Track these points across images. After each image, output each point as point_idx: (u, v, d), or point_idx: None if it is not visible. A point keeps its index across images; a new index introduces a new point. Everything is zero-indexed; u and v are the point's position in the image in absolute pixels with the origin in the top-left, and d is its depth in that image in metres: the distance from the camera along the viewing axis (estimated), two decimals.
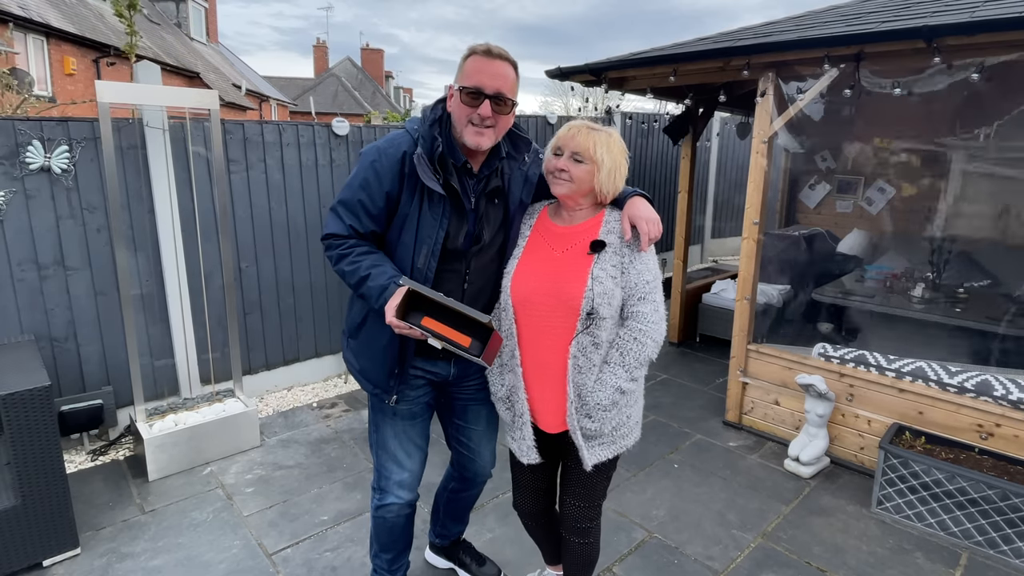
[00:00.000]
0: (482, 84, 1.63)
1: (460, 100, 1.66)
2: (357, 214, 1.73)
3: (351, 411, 4.00)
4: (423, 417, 1.99)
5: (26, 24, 10.36)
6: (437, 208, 1.71)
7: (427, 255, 1.72)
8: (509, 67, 1.67)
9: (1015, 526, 2.55)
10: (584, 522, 1.93)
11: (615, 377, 1.70)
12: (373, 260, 1.71)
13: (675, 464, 3.36)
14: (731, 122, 7.88)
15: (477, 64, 1.64)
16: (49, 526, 2.46)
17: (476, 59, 1.64)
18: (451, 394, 2.01)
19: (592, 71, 4.25)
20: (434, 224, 1.71)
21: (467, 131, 1.68)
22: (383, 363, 1.83)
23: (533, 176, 1.86)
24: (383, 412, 1.96)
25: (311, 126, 4.13)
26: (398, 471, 1.99)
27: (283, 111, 24.51)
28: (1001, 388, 2.88)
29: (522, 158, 1.84)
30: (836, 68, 3.11)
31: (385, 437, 1.98)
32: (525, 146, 1.84)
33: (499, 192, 1.81)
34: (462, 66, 1.67)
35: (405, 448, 1.98)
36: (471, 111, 1.65)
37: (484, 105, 1.64)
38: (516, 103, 1.71)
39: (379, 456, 2.01)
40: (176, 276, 3.61)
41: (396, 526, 2.08)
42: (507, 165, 1.82)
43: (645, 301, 1.71)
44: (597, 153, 1.68)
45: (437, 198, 1.71)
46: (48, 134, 3.13)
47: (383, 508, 2.03)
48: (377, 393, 1.88)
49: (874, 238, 5.07)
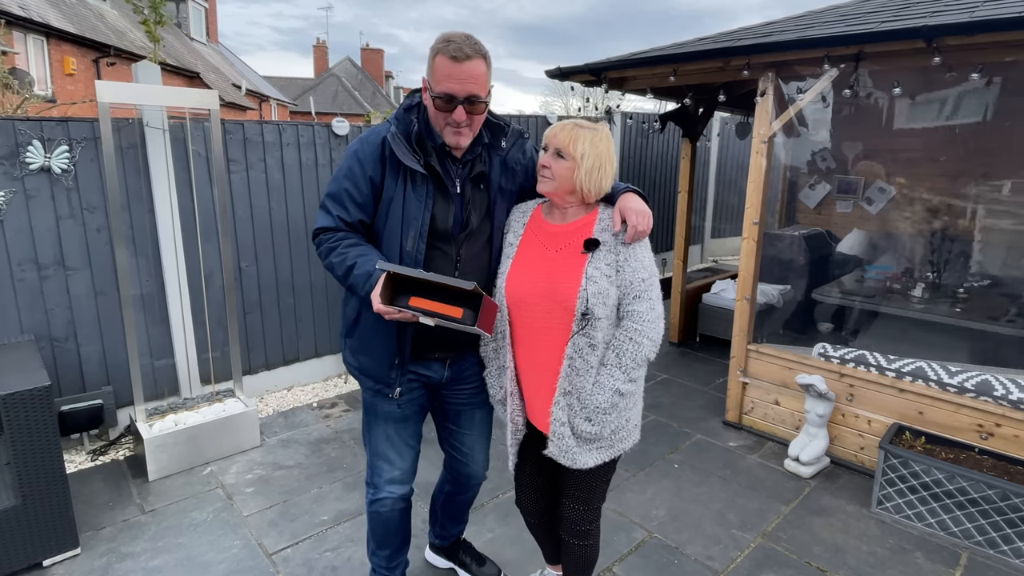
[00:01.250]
0: (452, 91, 1.62)
1: (434, 105, 1.66)
2: (344, 203, 1.74)
3: (351, 411, 4.00)
4: (415, 419, 1.99)
5: (26, 24, 10.35)
6: (421, 189, 1.72)
7: (415, 237, 1.71)
8: (479, 63, 1.63)
9: (1015, 526, 2.55)
10: (583, 524, 1.93)
11: (612, 379, 1.69)
12: (360, 250, 1.71)
13: (675, 464, 3.35)
14: (731, 122, 7.88)
15: (446, 69, 1.61)
16: (49, 526, 2.46)
17: (444, 63, 1.61)
18: (444, 398, 2.01)
19: (592, 71, 4.25)
20: (419, 205, 1.71)
21: (445, 132, 1.70)
22: (383, 356, 1.83)
23: (512, 161, 1.86)
24: (375, 414, 1.96)
25: (311, 126, 4.13)
26: (389, 469, 2.00)
27: (283, 111, 24.50)
28: (1001, 388, 2.88)
29: (499, 145, 1.82)
30: (836, 68, 3.11)
31: (376, 438, 1.98)
32: (500, 132, 1.82)
33: (483, 177, 1.81)
34: (431, 64, 1.65)
35: (397, 449, 1.99)
36: (446, 115, 1.66)
37: (458, 111, 1.64)
38: (490, 93, 1.70)
39: (371, 455, 2.02)
40: (176, 276, 3.61)
41: (391, 520, 2.08)
42: (487, 151, 1.82)
43: (641, 299, 1.68)
44: (577, 149, 1.66)
45: (420, 179, 1.71)
46: (48, 134, 3.13)
47: (377, 503, 2.04)
48: (379, 389, 1.88)
49: (874, 238, 5.07)
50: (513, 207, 1.92)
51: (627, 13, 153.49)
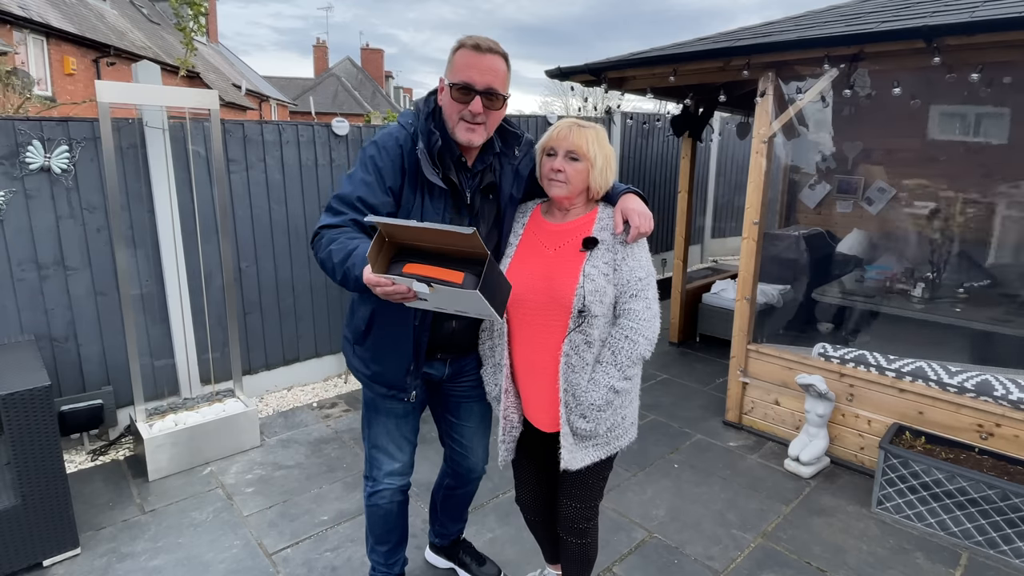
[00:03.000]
0: (472, 80, 1.60)
1: (451, 96, 1.63)
2: (358, 208, 1.65)
3: (351, 411, 4.00)
4: (415, 414, 2.01)
5: (26, 24, 10.35)
6: (439, 202, 1.70)
7: None
8: (500, 60, 1.63)
9: (1015, 526, 2.55)
10: (581, 523, 1.93)
11: (608, 376, 1.70)
12: (363, 242, 1.56)
13: (675, 464, 3.35)
14: (731, 122, 7.88)
15: (466, 59, 1.60)
16: (49, 526, 2.46)
17: (465, 53, 1.61)
18: (444, 391, 2.01)
19: (592, 71, 4.25)
20: (436, 218, 1.70)
21: (459, 127, 1.66)
22: (400, 363, 1.81)
23: (524, 170, 1.84)
24: (376, 410, 1.97)
25: (311, 126, 4.13)
26: (389, 462, 2.01)
27: (283, 111, 24.51)
28: (1001, 388, 2.88)
29: (512, 153, 1.81)
30: (836, 68, 3.11)
31: (376, 433, 2.00)
32: (515, 140, 1.81)
33: (493, 188, 1.80)
34: (451, 60, 1.64)
35: (396, 443, 2.01)
36: (462, 107, 1.63)
37: (475, 101, 1.61)
38: (508, 97, 1.68)
39: (370, 449, 2.04)
40: (176, 276, 3.61)
41: (390, 513, 2.08)
42: (498, 160, 1.80)
43: (637, 298, 1.69)
44: (591, 150, 1.67)
45: (438, 192, 1.69)
46: (48, 134, 3.13)
47: (376, 495, 2.05)
48: (393, 394, 1.87)
49: (874, 238, 5.07)
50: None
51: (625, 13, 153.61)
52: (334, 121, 4.21)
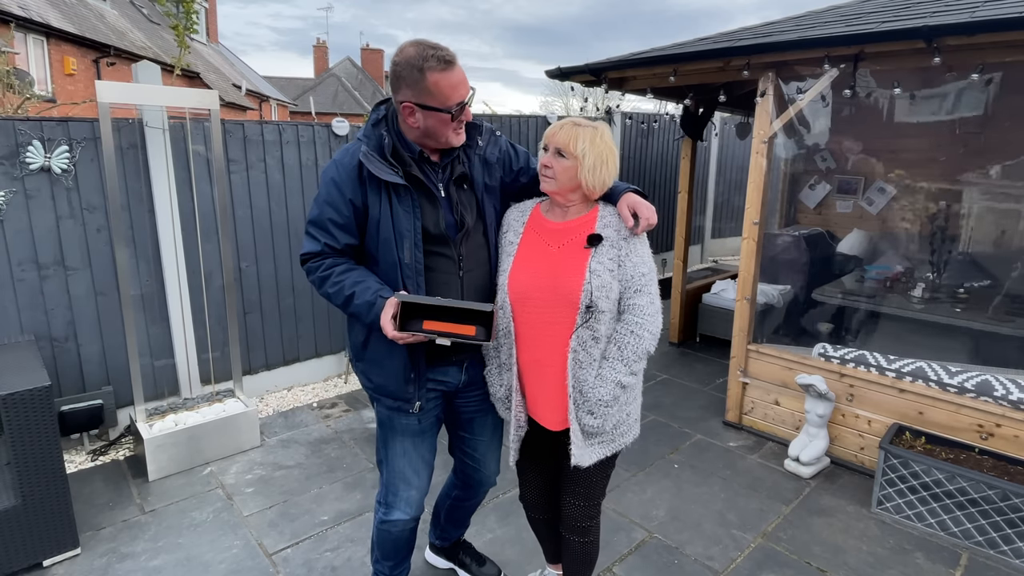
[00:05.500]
0: (463, 97, 1.66)
1: (451, 118, 1.67)
2: (328, 229, 1.72)
3: (351, 411, 4.00)
4: (432, 432, 1.97)
5: (26, 24, 10.35)
6: (406, 201, 1.71)
7: (411, 248, 1.71)
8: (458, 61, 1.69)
9: (1015, 526, 2.55)
10: (584, 521, 1.93)
11: (615, 372, 1.71)
12: (355, 277, 1.70)
13: (675, 464, 3.35)
14: (731, 122, 7.88)
15: (447, 79, 1.62)
16: (49, 526, 2.46)
17: (440, 75, 1.61)
18: (457, 406, 2.00)
19: (592, 71, 4.25)
20: (408, 216, 1.71)
21: (451, 137, 1.72)
22: (398, 373, 1.81)
23: (491, 157, 1.87)
24: (392, 429, 1.92)
25: (311, 126, 4.13)
26: (405, 489, 1.97)
27: (283, 111, 24.50)
28: (1001, 388, 2.88)
29: (476, 143, 1.84)
30: (836, 68, 3.11)
31: (394, 455, 1.95)
32: (475, 130, 1.84)
33: (466, 178, 1.82)
34: (424, 84, 1.61)
35: (414, 465, 1.96)
36: (457, 123, 1.69)
37: (467, 110, 1.69)
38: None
39: (387, 473, 1.99)
40: (176, 276, 3.61)
41: (400, 539, 2.06)
42: (464, 152, 1.82)
43: (641, 294, 1.72)
44: (578, 148, 1.68)
45: (403, 191, 1.70)
46: (48, 134, 3.13)
47: (388, 523, 2.00)
48: (399, 406, 1.85)
49: (874, 238, 5.06)
50: (511, 206, 1.93)
51: (623, 13, 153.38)
52: (334, 121, 4.21)
